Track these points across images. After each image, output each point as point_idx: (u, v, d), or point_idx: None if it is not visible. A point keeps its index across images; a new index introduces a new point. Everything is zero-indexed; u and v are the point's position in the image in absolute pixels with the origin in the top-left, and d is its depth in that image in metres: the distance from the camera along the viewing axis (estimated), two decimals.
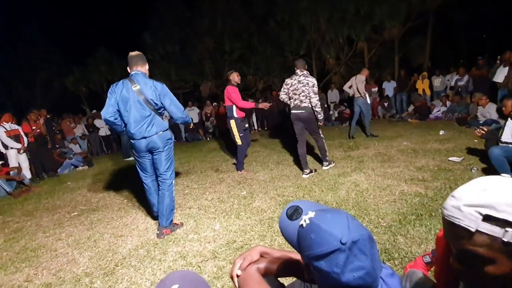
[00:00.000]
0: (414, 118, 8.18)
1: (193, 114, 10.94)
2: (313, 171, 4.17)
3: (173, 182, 2.86)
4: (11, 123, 6.03)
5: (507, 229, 0.52)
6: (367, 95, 6.26)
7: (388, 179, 3.52)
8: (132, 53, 2.71)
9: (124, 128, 2.66)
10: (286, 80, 4.11)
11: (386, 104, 9.74)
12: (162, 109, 2.69)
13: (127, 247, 2.64)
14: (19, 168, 5.78)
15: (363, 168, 4.09)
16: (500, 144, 3.19)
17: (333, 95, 11.18)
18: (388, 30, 11.26)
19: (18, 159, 6.01)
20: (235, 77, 4.55)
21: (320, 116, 3.94)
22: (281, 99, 4.23)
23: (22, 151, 6.03)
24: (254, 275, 0.84)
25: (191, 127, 2.72)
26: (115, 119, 2.57)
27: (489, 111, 5.94)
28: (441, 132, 5.73)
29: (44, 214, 3.91)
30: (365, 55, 12.51)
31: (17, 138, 5.97)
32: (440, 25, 13.22)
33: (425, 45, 12.63)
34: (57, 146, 7.68)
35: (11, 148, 5.88)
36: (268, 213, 2.98)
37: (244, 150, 4.69)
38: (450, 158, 3.98)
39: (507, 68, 5.97)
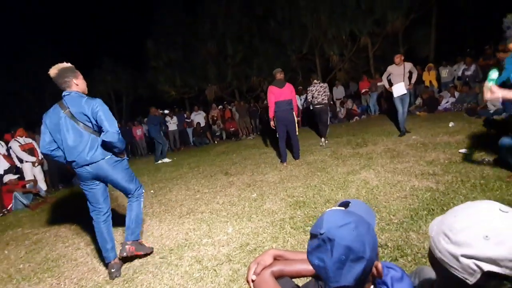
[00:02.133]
0: (422, 111, 8.08)
1: (200, 118, 11.06)
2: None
3: (142, 192, 2.61)
4: (25, 137, 6.23)
5: (505, 282, 0.50)
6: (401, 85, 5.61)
7: (398, 175, 3.50)
8: (53, 71, 2.25)
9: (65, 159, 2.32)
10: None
11: None
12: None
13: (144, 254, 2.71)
14: (34, 181, 5.97)
15: (372, 165, 4.08)
16: (511, 134, 3.14)
17: (339, 92, 11.12)
18: (391, 23, 11.16)
19: (33, 172, 6.19)
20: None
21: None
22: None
23: (36, 164, 6.21)
24: (268, 279, 0.88)
25: (121, 157, 2.40)
26: (52, 151, 2.30)
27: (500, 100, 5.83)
28: (451, 124, 5.65)
29: (62, 225, 4.02)
30: (369, 50, 12.42)
31: (31, 151, 6.15)
32: (445, 15, 13.00)
33: (429, 36, 12.47)
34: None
35: (26, 161, 6.07)
36: (279, 215, 3.01)
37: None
38: (460, 150, 3.94)
39: None
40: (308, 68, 13.53)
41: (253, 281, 0.90)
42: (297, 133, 5.05)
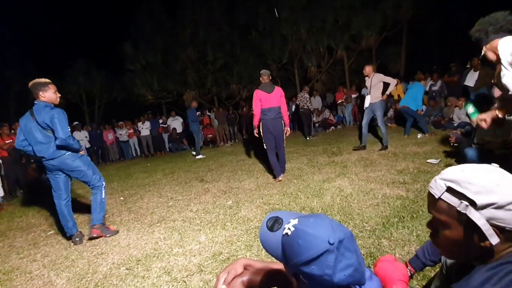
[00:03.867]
0: (393, 123, 8.46)
1: (177, 124, 10.81)
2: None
3: (103, 184, 3.10)
4: None
5: (462, 201, 0.62)
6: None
7: (371, 183, 3.59)
8: (30, 84, 2.84)
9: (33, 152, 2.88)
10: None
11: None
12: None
13: (108, 265, 2.52)
14: None
15: (347, 173, 4.16)
16: (473, 145, 3.35)
17: (316, 102, 11.39)
18: (366, 39, 11.75)
19: None
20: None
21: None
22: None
23: None
24: None
25: (80, 152, 2.97)
26: (24, 146, 2.90)
27: (464, 113, 6.25)
28: (419, 136, 5.96)
29: (18, 234, 3.68)
30: (345, 63, 12.94)
31: None
32: (414, 34, 13.93)
33: (400, 53, 13.25)
34: (32, 161, 7.32)
35: None
36: (255, 222, 2.95)
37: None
38: (428, 160, 4.13)
39: (477, 73, 6.33)
40: (287, 78, 13.80)
41: None
42: (284, 145, 4.45)
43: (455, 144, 3.98)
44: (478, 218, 0.61)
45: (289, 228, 0.71)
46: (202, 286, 2.02)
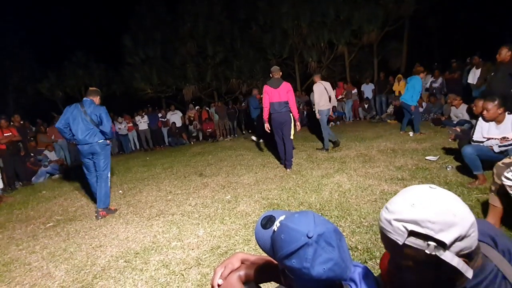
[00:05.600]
0: (393, 119, 8.45)
1: (176, 118, 10.77)
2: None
3: (109, 175, 3.76)
4: None
5: (429, 242, 0.58)
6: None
7: (369, 179, 3.60)
8: (90, 89, 3.86)
9: (72, 136, 3.59)
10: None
11: (366, 106, 10.01)
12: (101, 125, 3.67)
13: (106, 258, 2.54)
14: None
15: (346, 169, 4.17)
16: (472, 143, 3.35)
17: None
18: (367, 34, 11.64)
19: None
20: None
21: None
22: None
23: None
24: (236, 283, 0.83)
25: (108, 142, 3.75)
26: (65, 127, 3.55)
27: (462, 111, 6.23)
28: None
29: (17, 226, 3.70)
30: (345, 58, 12.84)
31: None
32: (415, 30, 13.83)
33: (401, 49, 13.16)
34: (31, 153, 7.32)
35: None
36: (253, 217, 2.96)
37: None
38: (426, 157, 4.14)
39: (479, 70, 6.29)
40: (287, 73, 13.72)
41: (219, 285, 0.85)
42: (291, 137, 4.58)
43: (452, 140, 3.98)
44: (451, 258, 0.58)
45: (276, 225, 0.73)
46: (199, 279, 2.03)
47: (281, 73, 4.59)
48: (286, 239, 0.67)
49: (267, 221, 0.78)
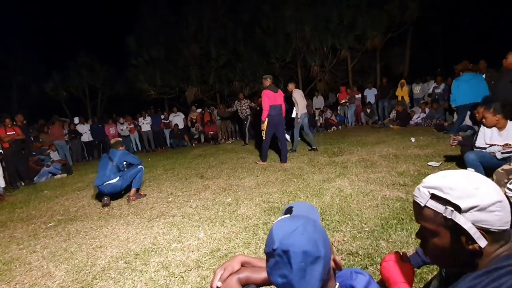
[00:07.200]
0: (395, 124, 8.43)
1: (178, 120, 10.81)
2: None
3: (142, 168, 4.35)
4: None
5: (447, 207, 0.65)
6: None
7: (371, 184, 3.59)
8: (112, 140, 4.61)
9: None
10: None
11: (368, 111, 10.01)
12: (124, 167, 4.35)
13: (106, 258, 2.54)
14: None
15: (347, 173, 4.15)
16: (475, 149, 3.34)
17: (318, 101, 11.38)
18: (370, 39, 11.64)
19: None
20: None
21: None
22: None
23: None
24: (235, 286, 0.83)
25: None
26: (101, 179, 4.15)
27: None
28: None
29: (18, 225, 3.71)
30: (348, 63, 12.85)
31: None
32: (419, 36, 13.82)
33: (405, 54, 13.16)
34: (33, 153, 7.35)
35: None
36: (253, 220, 2.96)
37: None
38: (429, 163, 4.12)
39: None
40: (290, 76, 13.74)
41: (218, 287, 0.84)
42: (285, 137, 5.38)
43: (454, 146, 3.94)
44: (464, 222, 0.63)
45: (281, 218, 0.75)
46: (199, 281, 2.03)
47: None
48: (267, 239, 0.70)
49: (286, 211, 0.81)
